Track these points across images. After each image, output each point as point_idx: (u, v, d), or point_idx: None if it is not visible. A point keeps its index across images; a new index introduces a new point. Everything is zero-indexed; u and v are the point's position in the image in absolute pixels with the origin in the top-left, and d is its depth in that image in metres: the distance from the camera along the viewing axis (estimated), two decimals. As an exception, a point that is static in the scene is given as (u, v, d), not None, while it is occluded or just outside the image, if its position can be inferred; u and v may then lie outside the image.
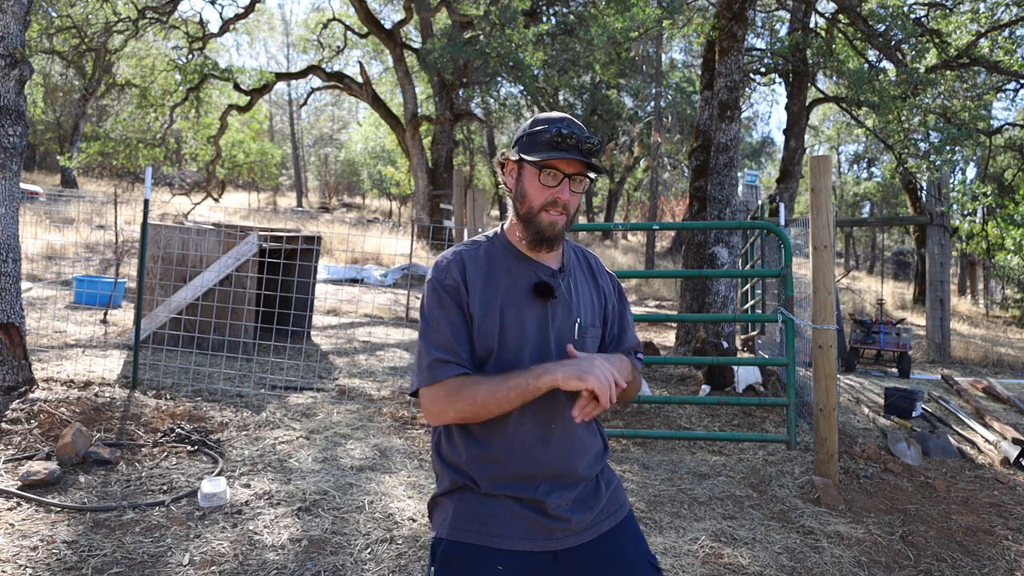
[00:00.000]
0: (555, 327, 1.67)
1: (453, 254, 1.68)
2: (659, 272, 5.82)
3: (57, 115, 30.78)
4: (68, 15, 19.03)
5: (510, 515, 1.61)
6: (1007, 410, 7.21)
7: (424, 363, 1.60)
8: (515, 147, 1.70)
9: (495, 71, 14.49)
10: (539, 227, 1.65)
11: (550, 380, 1.52)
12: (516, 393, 1.53)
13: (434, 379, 1.58)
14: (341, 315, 10.95)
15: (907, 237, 31.78)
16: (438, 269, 1.67)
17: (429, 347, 1.61)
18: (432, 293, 1.64)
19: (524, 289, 1.65)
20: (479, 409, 1.55)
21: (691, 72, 28.24)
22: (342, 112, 45.81)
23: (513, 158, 1.69)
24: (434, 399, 1.58)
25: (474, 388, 1.55)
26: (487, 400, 1.54)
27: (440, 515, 1.68)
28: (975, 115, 12.78)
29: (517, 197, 1.69)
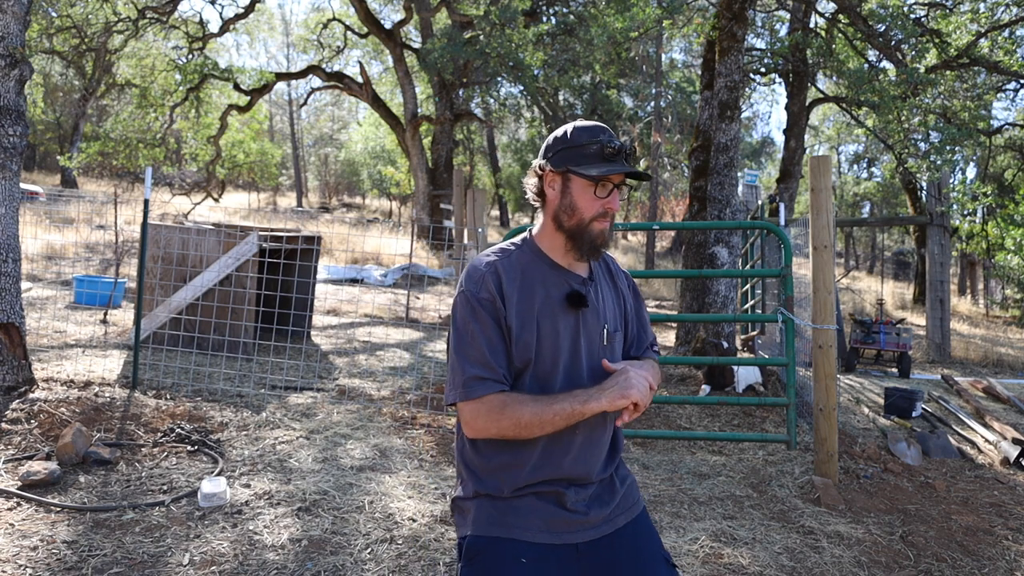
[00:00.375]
0: (586, 335, 1.71)
1: (487, 265, 1.67)
2: (659, 272, 5.82)
3: (57, 115, 30.79)
4: (68, 15, 19.03)
5: (530, 510, 1.66)
6: (1007, 410, 7.21)
7: (460, 378, 1.60)
8: (554, 157, 1.69)
9: (495, 71, 14.49)
10: (591, 237, 1.68)
11: (596, 406, 1.57)
12: (562, 418, 1.56)
13: (472, 395, 1.58)
14: (341, 315, 10.95)
15: (907, 237, 31.78)
16: (472, 281, 1.65)
17: (464, 362, 1.60)
18: (466, 305, 1.63)
19: (558, 299, 1.67)
20: (522, 430, 1.58)
21: (691, 72, 28.24)
22: (342, 112, 45.82)
23: (557, 169, 1.68)
24: (475, 415, 1.59)
25: (519, 408, 1.57)
26: (531, 422, 1.56)
27: (462, 517, 1.71)
28: (975, 115, 12.78)
29: (564, 210, 1.68)
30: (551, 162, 1.69)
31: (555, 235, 1.71)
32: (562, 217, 1.69)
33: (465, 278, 1.67)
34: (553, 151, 1.70)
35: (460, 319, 1.63)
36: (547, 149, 1.72)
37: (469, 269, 1.68)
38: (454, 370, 1.62)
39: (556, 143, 1.71)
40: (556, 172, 1.69)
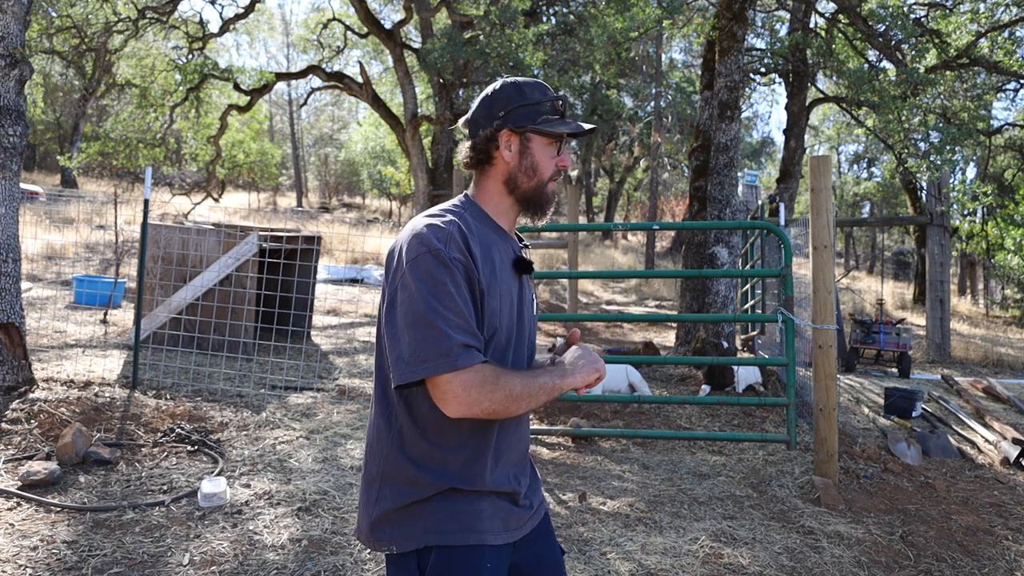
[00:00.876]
0: (526, 302, 1.64)
1: (449, 223, 1.49)
2: (659, 272, 5.82)
3: (57, 115, 30.78)
4: (68, 15, 19.02)
5: (493, 509, 1.55)
6: (1007, 410, 7.21)
7: (443, 345, 1.39)
8: (510, 116, 1.58)
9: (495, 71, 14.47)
10: (547, 198, 1.63)
11: (572, 382, 1.51)
12: (545, 392, 1.47)
13: (462, 364, 1.39)
14: (341, 315, 10.95)
15: (907, 237, 31.78)
16: (439, 238, 1.45)
17: (447, 327, 1.40)
18: (439, 265, 1.43)
19: (507, 264, 1.58)
20: (511, 404, 1.43)
21: (691, 72, 28.24)
22: (342, 112, 45.80)
23: (517, 128, 1.58)
24: (469, 387, 1.39)
25: (509, 380, 1.43)
26: (521, 395, 1.43)
27: (419, 523, 1.50)
28: (975, 115, 12.77)
29: (525, 171, 1.60)
30: (510, 121, 1.58)
31: (503, 199, 1.62)
32: (520, 179, 1.60)
33: (429, 237, 1.46)
34: (506, 109, 1.58)
35: (431, 279, 1.42)
36: (496, 106, 1.59)
37: (428, 228, 1.48)
38: (428, 337, 1.40)
39: (509, 100, 1.59)
40: (515, 132, 1.58)
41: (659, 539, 3.60)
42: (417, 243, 1.46)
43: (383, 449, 1.54)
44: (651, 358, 7.04)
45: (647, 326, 12.59)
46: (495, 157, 1.60)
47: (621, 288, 19.21)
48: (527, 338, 1.64)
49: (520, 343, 1.61)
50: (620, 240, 28.93)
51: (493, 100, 1.60)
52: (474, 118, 1.62)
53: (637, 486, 4.38)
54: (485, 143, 1.60)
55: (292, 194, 39.94)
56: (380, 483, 1.54)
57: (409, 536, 1.50)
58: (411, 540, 1.50)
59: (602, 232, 27.63)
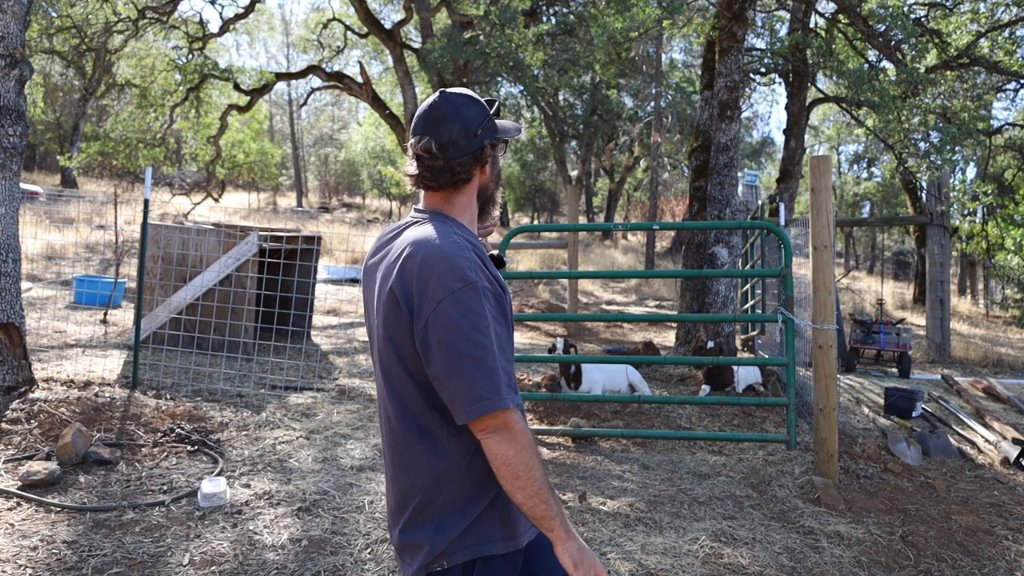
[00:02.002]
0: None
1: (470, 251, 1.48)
2: (659, 272, 5.82)
3: (57, 115, 30.77)
4: (68, 15, 19.02)
5: (519, 513, 1.58)
6: (1007, 410, 7.20)
7: (495, 383, 1.41)
8: (488, 129, 1.58)
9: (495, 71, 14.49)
10: (495, 202, 1.66)
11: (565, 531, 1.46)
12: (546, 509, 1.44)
13: (514, 403, 1.43)
14: (341, 315, 10.95)
15: (907, 237, 31.77)
16: (472, 269, 1.44)
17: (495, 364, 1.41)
18: (477, 299, 1.42)
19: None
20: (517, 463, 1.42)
21: (691, 72, 28.24)
22: (342, 112, 45.80)
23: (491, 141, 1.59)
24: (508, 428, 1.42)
25: (530, 439, 1.45)
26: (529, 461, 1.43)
27: (473, 536, 1.51)
28: (975, 115, 12.77)
29: (494, 179, 1.63)
30: (489, 134, 1.58)
31: (474, 209, 1.62)
32: (490, 187, 1.63)
33: (463, 269, 1.43)
34: (481, 124, 1.57)
35: (473, 315, 1.41)
36: (473, 126, 1.56)
37: (459, 259, 1.44)
38: (479, 376, 1.40)
39: (480, 114, 1.58)
40: (492, 144, 1.61)
41: (659, 539, 3.60)
42: (452, 276, 1.42)
43: (440, 480, 1.51)
44: (651, 358, 7.03)
45: (647, 326, 12.59)
46: (475, 175, 1.59)
47: (621, 288, 19.22)
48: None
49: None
50: (620, 240, 28.93)
51: (464, 119, 1.56)
52: (450, 141, 1.54)
53: (637, 486, 4.38)
54: (472, 163, 1.57)
55: (292, 194, 39.93)
56: (440, 513, 1.52)
57: (461, 550, 1.51)
58: (462, 554, 1.51)
59: (602, 232, 27.63)
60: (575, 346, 6.73)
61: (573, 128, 26.29)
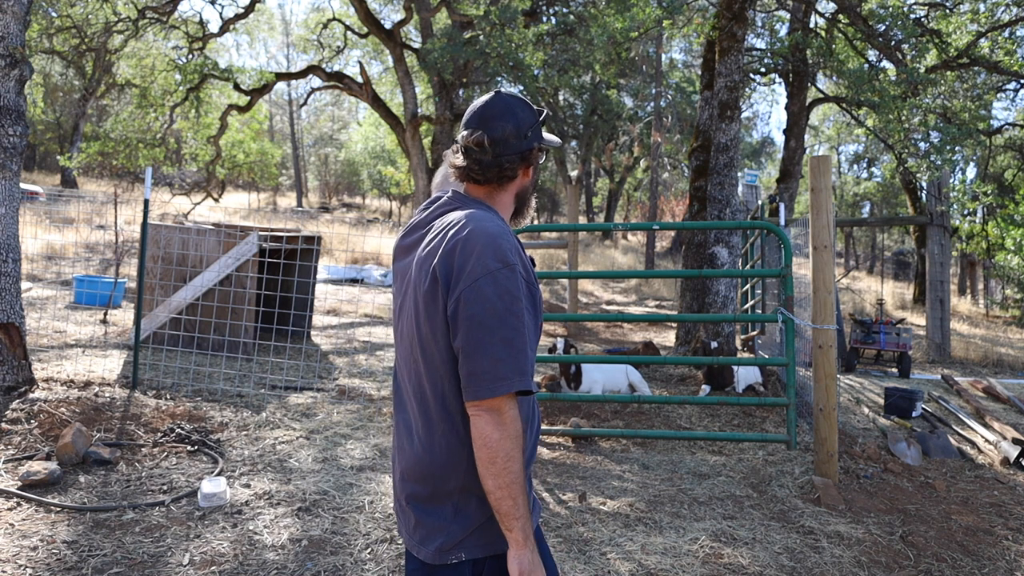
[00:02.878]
0: None
1: (512, 238, 1.51)
2: (659, 272, 5.82)
3: (57, 115, 30.77)
4: (68, 15, 19.02)
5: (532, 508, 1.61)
6: (1007, 410, 7.20)
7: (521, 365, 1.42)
8: (536, 133, 1.63)
9: (495, 71, 14.48)
10: (529, 208, 1.69)
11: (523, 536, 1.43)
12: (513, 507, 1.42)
13: (533, 389, 1.44)
14: (341, 315, 10.95)
15: (907, 237, 31.77)
16: (512, 253, 1.46)
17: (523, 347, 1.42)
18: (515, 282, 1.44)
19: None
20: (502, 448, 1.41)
21: (691, 72, 28.24)
22: (342, 112, 45.79)
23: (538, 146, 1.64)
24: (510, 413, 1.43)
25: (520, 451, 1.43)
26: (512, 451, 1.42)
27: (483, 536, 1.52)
28: (975, 115, 12.77)
29: (533, 184, 1.68)
30: (537, 138, 1.63)
31: (510, 209, 1.67)
32: (528, 191, 1.67)
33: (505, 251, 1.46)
34: (531, 127, 1.61)
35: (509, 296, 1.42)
36: (524, 127, 1.60)
37: (503, 241, 1.47)
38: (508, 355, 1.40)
39: (531, 118, 1.62)
40: (540, 150, 1.66)
41: (659, 539, 3.60)
42: (493, 255, 1.44)
43: (461, 463, 1.50)
44: (651, 358, 7.02)
45: (647, 326, 12.58)
46: (519, 175, 1.64)
47: (621, 288, 19.21)
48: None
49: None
50: (620, 240, 28.93)
51: (518, 119, 1.59)
52: (502, 138, 1.57)
53: (637, 486, 4.38)
54: (518, 162, 1.60)
55: (292, 194, 39.93)
56: (460, 498, 1.51)
57: (480, 545, 1.51)
58: (480, 549, 1.51)
59: (602, 232, 27.63)
60: (575, 346, 6.74)
61: (573, 128, 26.29)
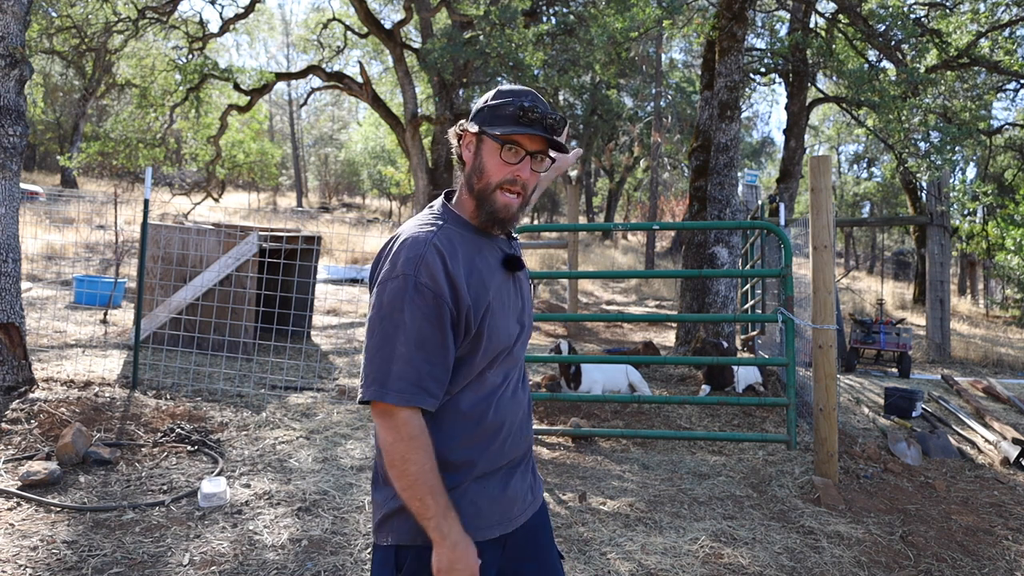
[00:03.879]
0: (524, 295, 1.68)
1: (424, 245, 1.51)
2: (659, 272, 5.82)
3: (57, 115, 30.77)
4: (68, 15, 19.02)
5: (490, 504, 1.58)
6: (1007, 410, 7.20)
7: (389, 375, 1.46)
8: (474, 118, 1.62)
9: (495, 71, 14.48)
10: (493, 207, 1.58)
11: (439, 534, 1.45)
12: (421, 507, 1.45)
13: (401, 401, 1.45)
14: (341, 315, 10.95)
15: (907, 237, 31.76)
16: (413, 264, 1.48)
17: (397, 358, 1.46)
18: (404, 292, 1.47)
19: (496, 267, 1.60)
20: (396, 462, 1.45)
21: (691, 72, 28.24)
22: (342, 112, 45.79)
23: (472, 130, 1.60)
24: (394, 425, 1.46)
25: (420, 449, 1.45)
26: (407, 466, 1.45)
27: (406, 521, 1.53)
28: (975, 115, 12.77)
29: (475, 172, 1.60)
30: (472, 121, 1.62)
31: (469, 200, 1.62)
32: (472, 180, 1.61)
33: (406, 261, 1.49)
34: (476, 112, 1.63)
35: (392, 306, 1.47)
36: (473, 111, 1.65)
37: (408, 249, 1.51)
38: (379, 362, 1.47)
39: (479, 103, 1.64)
40: (472, 133, 1.61)
41: (659, 539, 3.60)
42: (391, 265, 1.51)
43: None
44: (651, 358, 7.03)
45: (647, 326, 12.58)
46: (464, 157, 1.64)
47: (621, 288, 19.21)
48: (527, 327, 1.68)
49: (521, 334, 1.66)
50: (620, 240, 28.93)
51: (478, 102, 1.66)
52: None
53: (637, 486, 4.38)
54: (457, 143, 1.66)
55: (292, 194, 39.93)
56: (380, 478, 1.60)
57: (397, 531, 1.55)
58: (397, 535, 1.55)
59: (602, 232, 27.63)
60: (574, 347, 6.74)
61: (573, 128, 26.27)
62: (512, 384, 1.65)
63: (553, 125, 1.57)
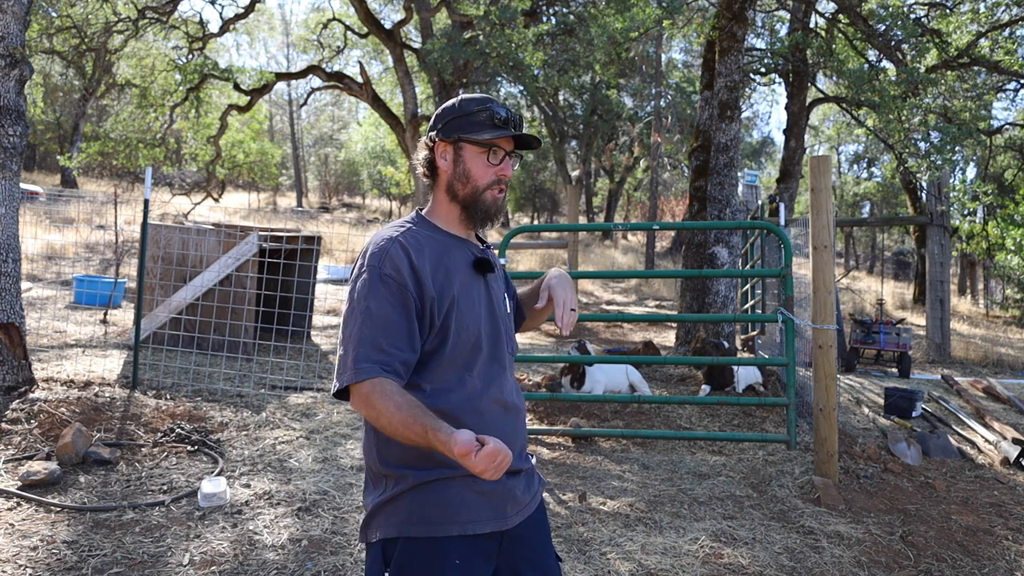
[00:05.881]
0: (496, 300, 1.73)
1: (390, 241, 1.61)
2: (659, 272, 5.82)
3: (57, 115, 30.77)
4: (68, 15, 19.02)
5: (478, 497, 1.59)
6: (1007, 410, 7.20)
7: (350, 357, 1.53)
8: (444, 127, 1.70)
9: (495, 71, 14.49)
10: (485, 206, 1.70)
11: (445, 447, 1.43)
12: (418, 434, 1.45)
13: (364, 376, 1.50)
14: (341, 315, 10.95)
15: (907, 237, 31.76)
16: (377, 256, 1.59)
17: (361, 340, 1.53)
18: (371, 282, 1.56)
19: (465, 268, 1.68)
20: (383, 423, 1.49)
21: (691, 72, 28.23)
22: (342, 112, 45.79)
23: (448, 139, 1.69)
24: (363, 397, 1.51)
25: (392, 402, 1.48)
26: (392, 422, 1.47)
27: (391, 515, 1.59)
28: (975, 115, 12.77)
29: (458, 178, 1.70)
30: (441, 132, 1.70)
31: (450, 207, 1.72)
32: (456, 186, 1.70)
33: (372, 255, 1.60)
34: (443, 121, 1.71)
35: (360, 295, 1.56)
36: (436, 120, 1.72)
37: (372, 244, 1.63)
38: (348, 347, 1.54)
39: (446, 113, 1.72)
40: (447, 142, 1.70)
41: (659, 539, 3.60)
42: (360, 262, 1.62)
43: (370, 450, 1.67)
44: (651, 358, 7.03)
45: (647, 326, 12.58)
46: (438, 168, 1.72)
47: (621, 288, 19.21)
48: (503, 332, 1.73)
49: (496, 337, 1.70)
50: (620, 240, 28.92)
51: (437, 115, 1.74)
52: (428, 133, 1.75)
53: (637, 486, 4.38)
54: (429, 154, 1.74)
55: (292, 194, 39.93)
56: (369, 478, 1.68)
57: (382, 526, 1.60)
58: (382, 530, 1.60)
59: (602, 232, 27.63)
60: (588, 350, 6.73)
61: (573, 128, 26.29)
62: (497, 389, 1.67)
63: (520, 124, 1.72)
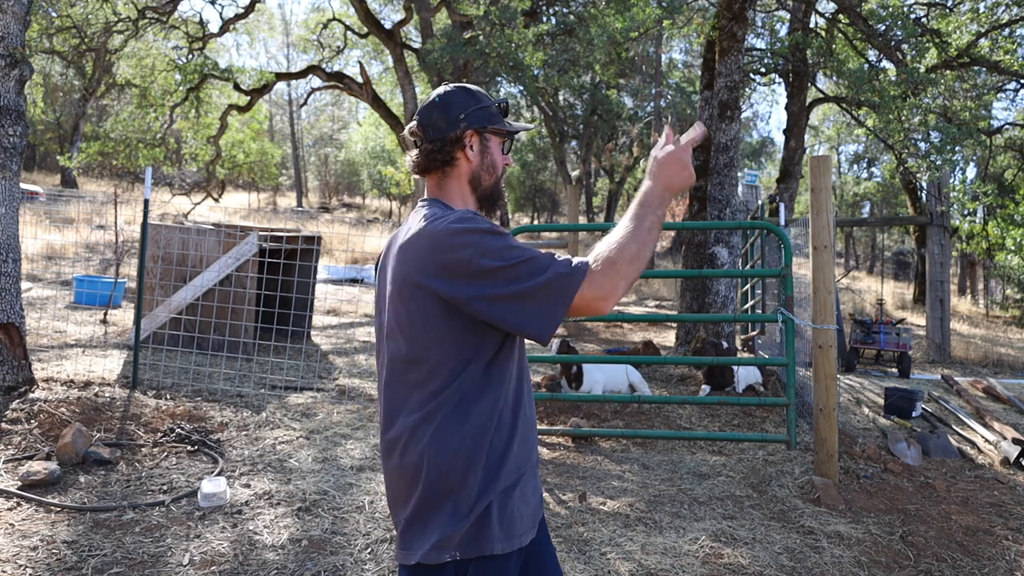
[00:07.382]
0: None
1: (464, 212, 1.55)
2: (659, 272, 5.82)
3: (57, 115, 30.76)
4: (68, 15, 19.01)
5: (524, 509, 1.57)
6: (1007, 410, 7.20)
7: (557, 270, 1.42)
8: (470, 118, 1.65)
9: (495, 71, 14.48)
10: (499, 196, 1.70)
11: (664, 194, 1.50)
12: (655, 226, 1.46)
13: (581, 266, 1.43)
14: (341, 315, 10.95)
15: (907, 237, 31.75)
16: (473, 221, 1.49)
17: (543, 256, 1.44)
18: (497, 235, 1.47)
19: None
20: (641, 262, 1.44)
21: (691, 72, 28.23)
22: (342, 112, 45.78)
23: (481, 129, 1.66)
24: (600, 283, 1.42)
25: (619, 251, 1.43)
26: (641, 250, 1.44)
27: (477, 535, 1.49)
28: (975, 115, 12.77)
29: (487, 169, 1.68)
30: (473, 122, 1.65)
31: (468, 198, 1.68)
32: (483, 177, 1.67)
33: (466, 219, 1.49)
34: (466, 112, 1.65)
35: (500, 246, 1.44)
36: (456, 111, 1.65)
37: (460, 216, 1.51)
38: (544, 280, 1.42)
39: (467, 104, 1.66)
40: (477, 132, 1.66)
41: (659, 539, 3.60)
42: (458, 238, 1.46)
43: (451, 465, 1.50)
44: (651, 358, 7.03)
45: (647, 326, 12.58)
46: (458, 159, 1.66)
47: (621, 288, 19.17)
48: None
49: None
50: (620, 240, 28.86)
51: (449, 104, 1.66)
52: (431, 123, 1.65)
53: (637, 486, 4.38)
54: (450, 145, 1.65)
55: (292, 194, 39.93)
56: (458, 494, 1.49)
57: (469, 545, 1.48)
58: (471, 549, 1.48)
59: (602, 232, 27.58)
60: (574, 347, 6.73)
61: (573, 128, 26.28)
62: (527, 387, 1.67)
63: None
